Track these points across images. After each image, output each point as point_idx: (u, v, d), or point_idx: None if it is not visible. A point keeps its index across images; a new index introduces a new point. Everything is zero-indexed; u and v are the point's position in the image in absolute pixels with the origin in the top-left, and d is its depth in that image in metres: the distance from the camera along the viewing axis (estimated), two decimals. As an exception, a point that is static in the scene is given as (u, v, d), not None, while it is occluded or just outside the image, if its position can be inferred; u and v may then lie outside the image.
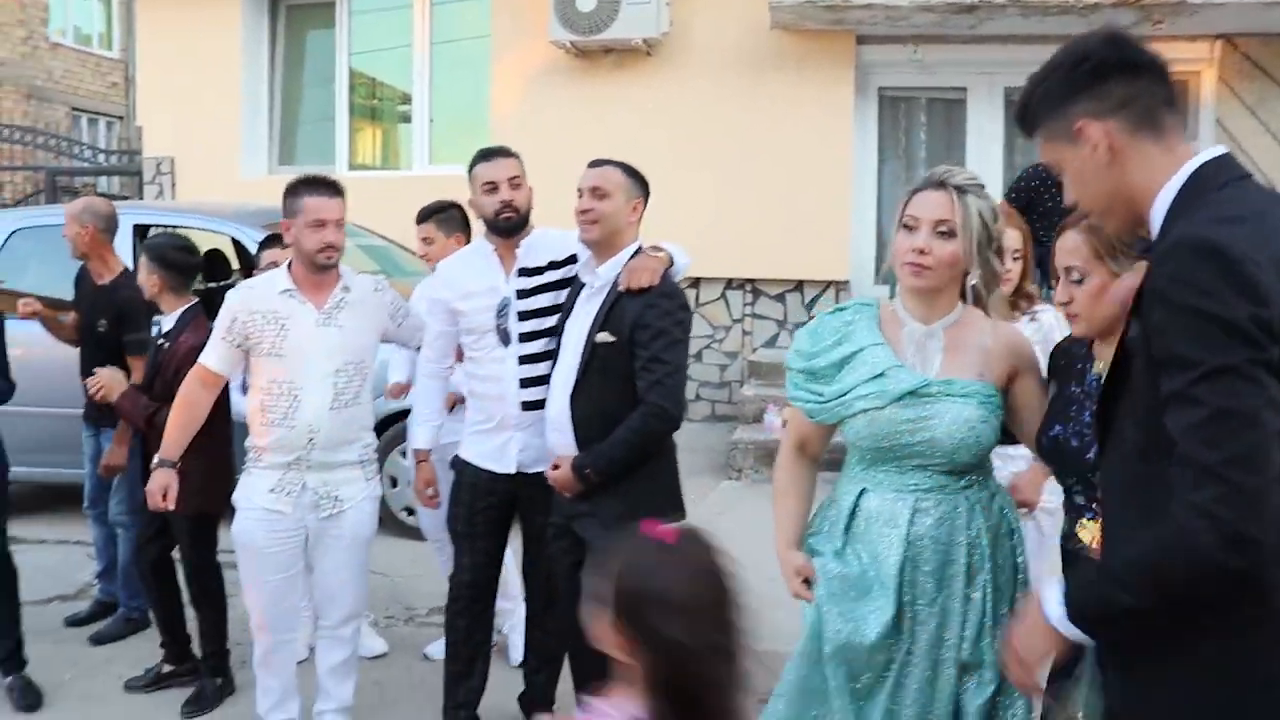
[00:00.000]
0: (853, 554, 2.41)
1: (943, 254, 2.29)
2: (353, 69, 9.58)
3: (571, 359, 3.19)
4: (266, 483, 3.47)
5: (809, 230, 7.91)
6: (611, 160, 3.27)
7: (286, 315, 3.43)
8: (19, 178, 13.51)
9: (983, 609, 2.35)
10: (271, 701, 3.64)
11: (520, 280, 3.49)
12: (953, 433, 2.29)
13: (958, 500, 2.35)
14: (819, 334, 2.45)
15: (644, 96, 8.28)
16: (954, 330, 2.37)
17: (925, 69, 8.19)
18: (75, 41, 19.00)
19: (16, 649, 4.12)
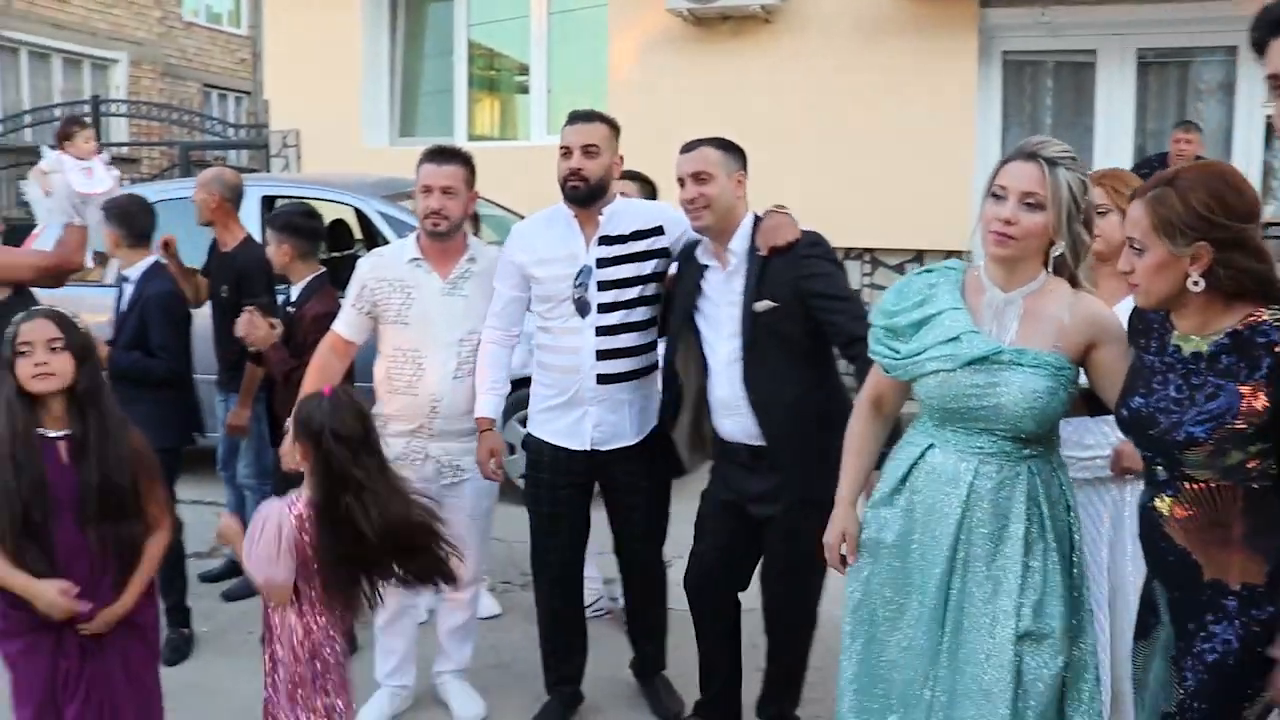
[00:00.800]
0: (905, 504, 2.47)
1: (1029, 225, 2.31)
2: (471, 40, 9.68)
3: (730, 342, 3.12)
4: (392, 451, 3.47)
5: (930, 199, 7.73)
6: (702, 140, 3.19)
7: (413, 284, 3.48)
8: (155, 153, 14.06)
9: (1043, 579, 2.36)
10: (391, 665, 3.73)
11: (601, 249, 3.37)
12: (1019, 401, 2.31)
13: (1020, 468, 2.37)
14: (904, 293, 2.49)
15: (761, 64, 8.19)
16: (1033, 299, 2.38)
17: (1053, 31, 7.91)
18: (207, 20, 19.61)
19: (179, 603, 4.33)
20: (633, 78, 8.59)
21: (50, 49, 15.81)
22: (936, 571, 2.40)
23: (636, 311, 3.39)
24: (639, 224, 3.41)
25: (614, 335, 3.37)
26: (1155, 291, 2.15)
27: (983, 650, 2.36)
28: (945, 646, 2.40)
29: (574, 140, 3.35)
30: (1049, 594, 2.36)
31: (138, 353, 4.20)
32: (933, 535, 2.41)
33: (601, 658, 3.89)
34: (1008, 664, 2.33)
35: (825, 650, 3.99)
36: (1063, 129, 8.23)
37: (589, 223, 3.39)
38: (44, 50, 15.74)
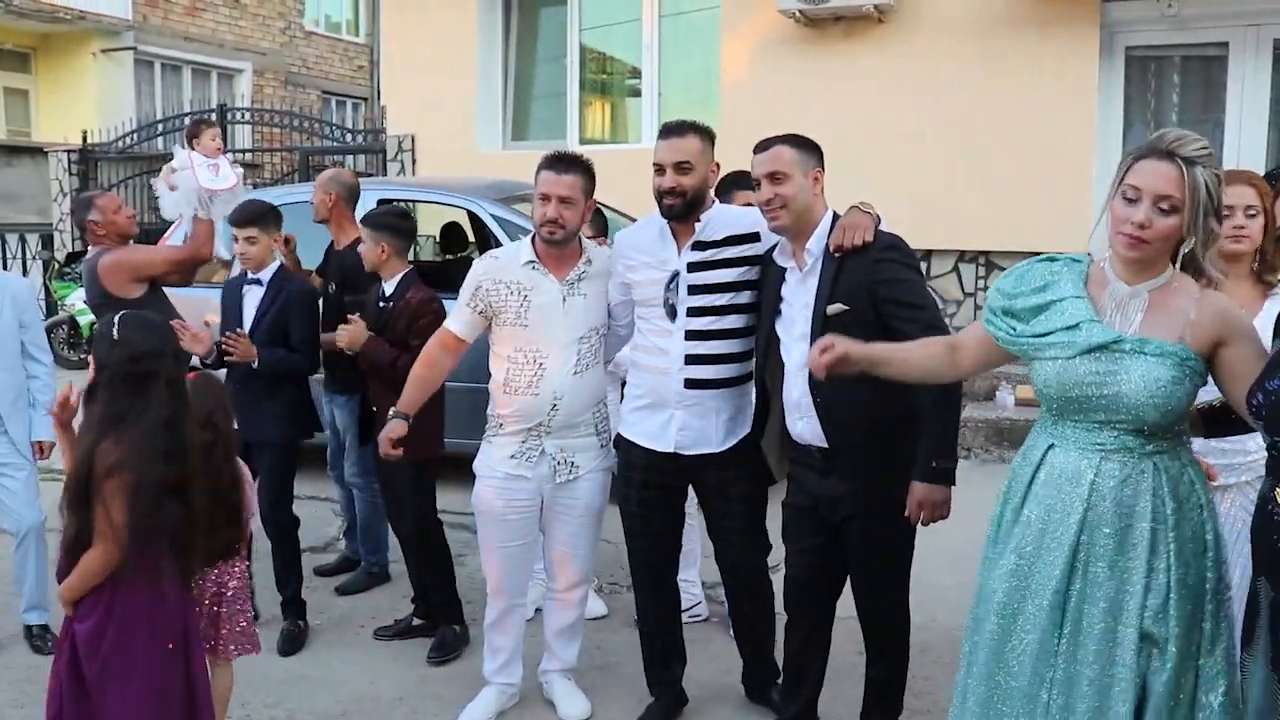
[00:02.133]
0: (1027, 514, 2.40)
1: (1162, 229, 2.24)
2: (583, 44, 9.75)
3: (803, 344, 3.07)
4: (508, 449, 3.57)
5: (1048, 200, 7.53)
6: (776, 138, 3.14)
7: (530, 286, 3.50)
8: (277, 158, 14.46)
9: (1167, 580, 2.28)
10: (499, 663, 3.76)
11: (693, 254, 3.36)
12: (1140, 390, 2.24)
13: (1144, 465, 2.30)
14: (1024, 277, 2.45)
15: (875, 64, 8.07)
16: (1159, 293, 2.32)
17: (1180, 24, 7.62)
18: (326, 29, 20.16)
19: (292, 598, 4.47)
20: (744, 80, 8.55)
21: (182, 61, 16.47)
22: (1056, 573, 2.33)
23: (728, 318, 3.36)
24: (734, 230, 3.39)
25: (703, 341, 3.36)
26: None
27: (1103, 652, 2.29)
28: (1063, 648, 2.34)
29: (666, 158, 3.33)
30: (1172, 597, 2.27)
31: (282, 349, 4.36)
32: (1054, 536, 2.35)
33: (703, 662, 3.87)
34: (1129, 667, 2.27)
35: (932, 661, 3.92)
36: (1190, 127, 7.86)
37: (684, 230, 3.39)
38: (176, 62, 16.39)
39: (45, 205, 12.78)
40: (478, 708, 3.73)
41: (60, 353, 10.48)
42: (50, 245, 12.34)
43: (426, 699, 3.86)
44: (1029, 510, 2.41)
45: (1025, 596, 2.39)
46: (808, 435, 3.14)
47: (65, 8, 14.71)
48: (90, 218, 4.75)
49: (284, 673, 4.13)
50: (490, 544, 3.66)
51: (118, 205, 4.84)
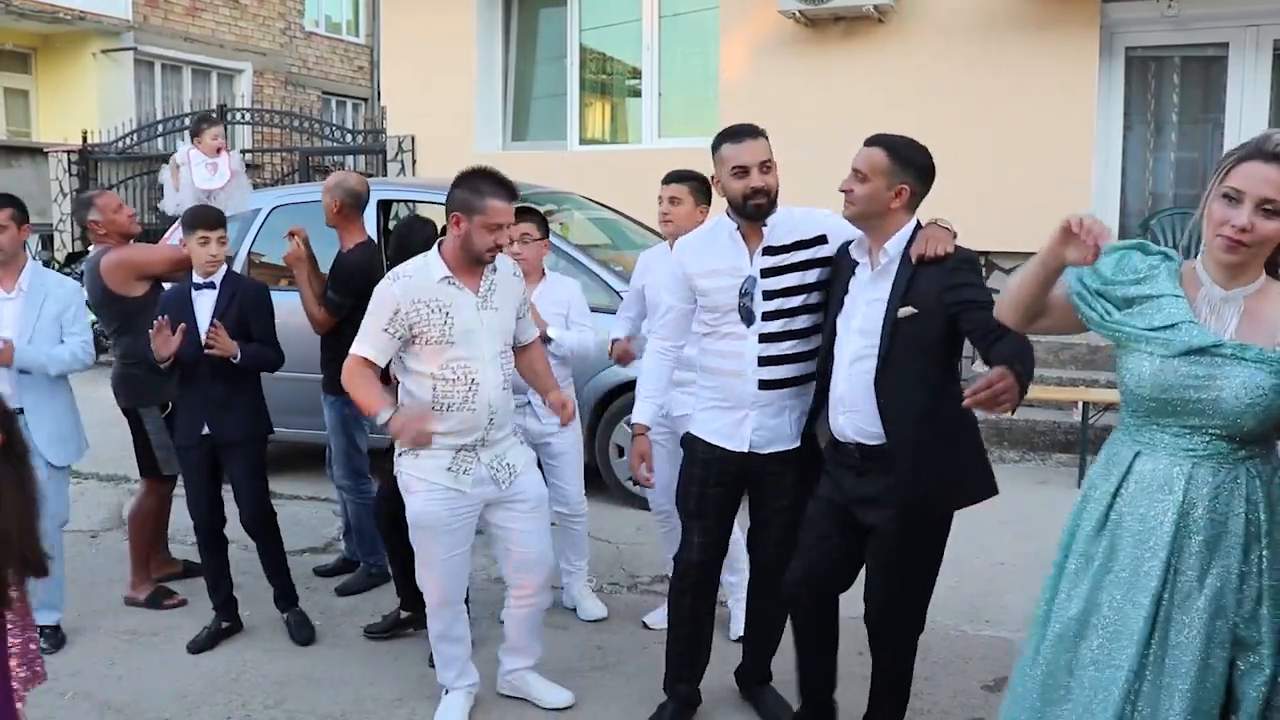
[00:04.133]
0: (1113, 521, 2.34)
1: (1265, 232, 2.19)
2: (583, 45, 9.76)
3: (860, 339, 3.10)
4: (441, 462, 3.53)
5: (1047, 201, 7.51)
6: (883, 140, 3.15)
7: (449, 302, 3.47)
8: (277, 159, 14.47)
9: (1259, 585, 2.24)
10: (457, 670, 3.78)
11: (765, 259, 3.38)
12: (1240, 396, 2.20)
13: (1237, 470, 2.26)
14: (1123, 266, 2.37)
15: (874, 65, 8.08)
16: (1253, 299, 2.28)
17: (1180, 25, 7.63)
18: (326, 30, 20.17)
19: (289, 587, 4.51)
20: (744, 80, 8.55)
21: (182, 61, 16.48)
22: (1153, 584, 2.27)
23: (799, 319, 3.38)
24: (801, 234, 3.40)
25: (776, 342, 3.38)
26: None
27: (1195, 665, 2.25)
28: (1152, 658, 2.29)
29: (750, 159, 3.33)
30: (1265, 603, 2.25)
31: (253, 344, 4.36)
32: (1146, 547, 2.30)
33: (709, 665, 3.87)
34: (1220, 676, 2.24)
35: (932, 662, 3.93)
36: (1189, 127, 7.94)
37: (753, 235, 3.40)
38: (176, 63, 16.39)
39: (45, 206, 12.79)
40: (453, 713, 3.74)
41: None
42: (50, 245, 12.35)
43: (426, 700, 3.86)
44: (1119, 520, 2.35)
45: (1115, 613, 2.33)
46: (849, 431, 3.14)
47: (65, 8, 14.72)
48: (91, 217, 4.76)
49: (284, 673, 4.13)
50: (432, 556, 3.62)
51: (118, 204, 4.85)
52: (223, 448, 4.34)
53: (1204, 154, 8.08)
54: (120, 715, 3.84)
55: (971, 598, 3.27)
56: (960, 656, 4.09)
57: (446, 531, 3.57)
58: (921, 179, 3.16)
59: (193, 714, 3.84)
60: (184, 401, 4.38)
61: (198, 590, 4.78)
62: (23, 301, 4.26)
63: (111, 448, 6.27)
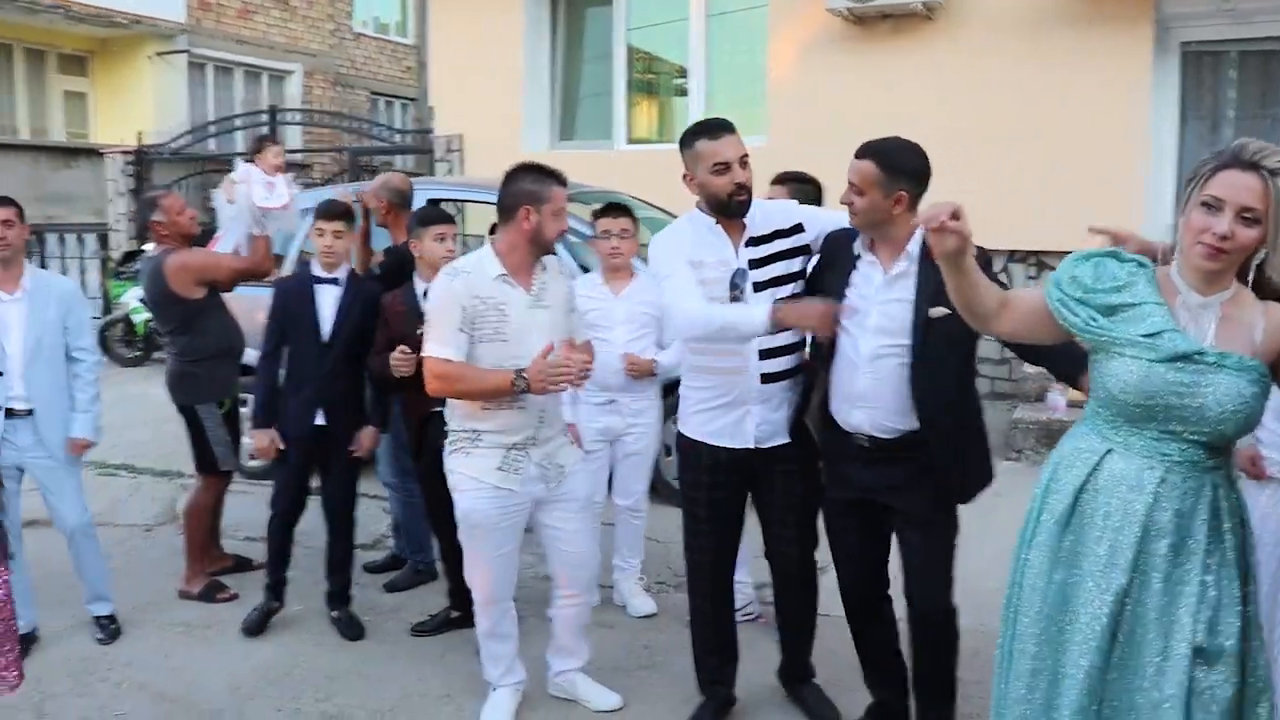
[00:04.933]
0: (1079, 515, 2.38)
1: (1244, 240, 2.23)
2: (630, 44, 9.76)
3: (880, 338, 3.12)
4: (492, 461, 3.53)
5: (1101, 199, 7.41)
6: (872, 149, 3.11)
7: (503, 300, 3.47)
8: (326, 158, 14.63)
9: (1218, 593, 2.29)
10: (504, 668, 3.79)
11: (751, 250, 3.38)
12: (1224, 403, 2.24)
13: (1204, 480, 2.31)
14: (1102, 273, 2.39)
15: (923, 62, 8.02)
16: (1228, 306, 2.33)
17: (1238, 18, 7.48)
18: (375, 31, 20.35)
19: (346, 586, 4.58)
20: (792, 79, 8.52)
21: (233, 63, 16.69)
22: (1120, 581, 2.31)
23: None
24: (778, 224, 3.43)
25: (775, 334, 3.36)
26: None
27: (1153, 664, 2.30)
28: (1116, 659, 2.34)
29: (731, 154, 3.32)
30: (1223, 610, 2.28)
31: None
32: (1114, 543, 2.34)
33: (753, 662, 3.86)
34: (1181, 678, 2.26)
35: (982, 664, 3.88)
36: (1247, 124, 7.78)
37: (733, 227, 3.40)
38: (228, 65, 16.61)
39: (101, 206, 13.00)
40: (498, 711, 3.76)
41: (115, 350, 10.66)
42: (106, 244, 12.56)
43: (473, 696, 3.89)
44: (1078, 516, 2.39)
45: (1069, 608, 2.39)
46: (866, 425, 3.16)
47: (121, 12, 14.96)
48: (154, 218, 4.84)
49: (333, 668, 4.18)
50: (482, 554, 3.63)
51: (181, 206, 4.93)
52: (331, 440, 4.44)
53: (1262, 151, 7.92)
54: (174, 706, 3.90)
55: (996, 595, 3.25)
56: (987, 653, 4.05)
57: (496, 530, 3.57)
58: (916, 181, 3.14)
59: (245, 706, 3.89)
60: (299, 394, 4.42)
61: (249, 584, 4.85)
62: (27, 304, 4.27)
63: (165, 443, 6.38)
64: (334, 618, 4.50)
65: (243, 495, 5.91)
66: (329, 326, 4.40)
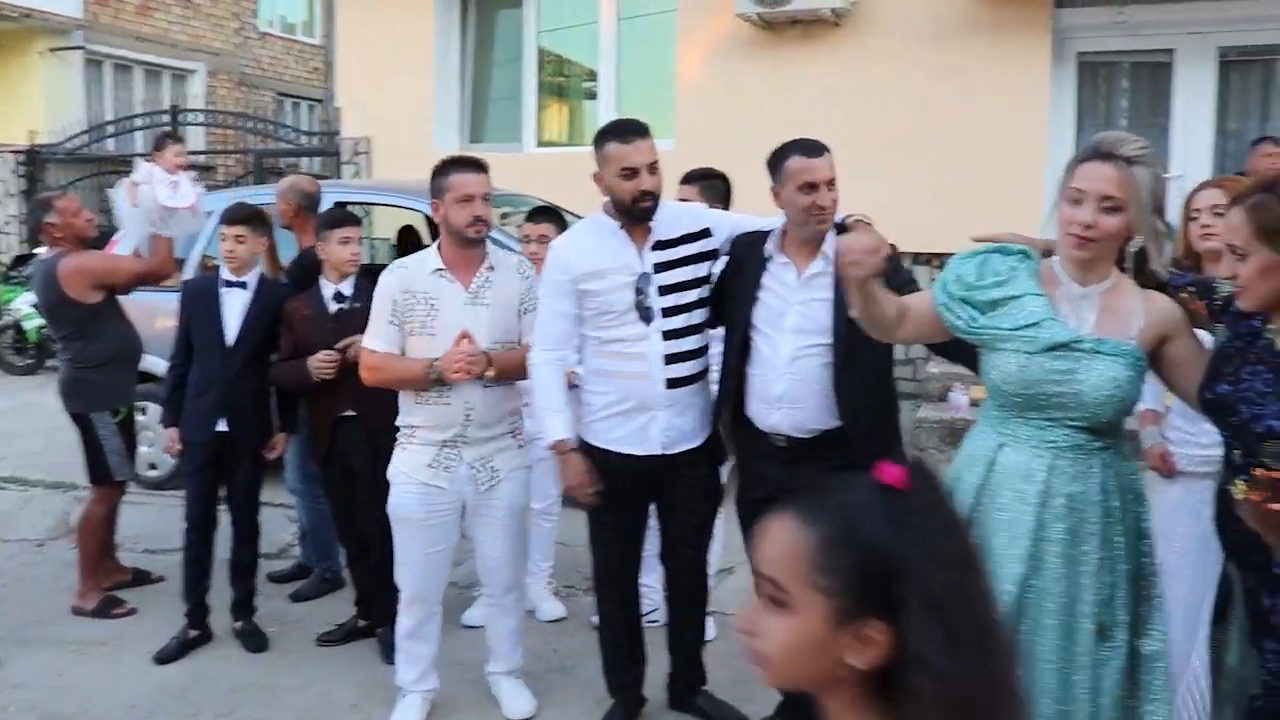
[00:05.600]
0: (980, 517, 2.45)
1: (1108, 228, 2.32)
2: (541, 47, 9.72)
3: (799, 339, 3.15)
4: (424, 458, 3.55)
5: (1002, 203, 7.57)
6: (823, 144, 3.23)
7: (437, 295, 3.49)
8: (230, 160, 14.30)
9: (1113, 570, 2.38)
10: (418, 672, 3.74)
11: (656, 254, 3.35)
12: (1100, 388, 2.32)
13: (1093, 461, 2.38)
14: (985, 270, 2.48)
15: (831, 68, 8.12)
16: (1108, 295, 2.41)
17: (1129, 30, 7.72)
18: (281, 30, 19.97)
19: (250, 595, 4.46)
20: (701, 82, 8.56)
21: (133, 61, 16.23)
22: (1018, 569, 2.38)
23: (696, 314, 3.40)
24: (687, 227, 3.41)
25: (680, 339, 3.37)
26: (1259, 295, 2.16)
27: (1059, 645, 2.37)
28: (1021, 641, 2.39)
29: (640, 160, 3.29)
30: (1119, 586, 2.38)
31: None
32: (1009, 535, 2.40)
33: (663, 665, 3.86)
34: (1086, 656, 2.36)
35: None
36: (1138, 130, 7.94)
37: (638, 231, 3.37)
38: (127, 63, 16.15)
39: (-9, 207, 12.57)
40: (407, 717, 3.71)
41: (6, 358, 10.29)
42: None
43: (382, 705, 3.83)
44: (986, 511, 2.45)
45: None
46: (785, 426, 3.19)
47: (11, 5, 14.45)
48: (48, 219, 4.67)
49: (236, 681, 4.08)
50: (409, 551, 3.62)
51: (78, 208, 4.77)
52: (233, 447, 4.32)
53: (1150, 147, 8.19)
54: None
55: None
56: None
57: (422, 526, 3.56)
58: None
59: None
60: (202, 399, 4.31)
61: (147, 598, 4.72)
62: None
63: (58, 454, 6.17)
64: (236, 629, 4.39)
65: (141, 506, 5.75)
66: (234, 331, 4.31)
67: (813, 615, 1.12)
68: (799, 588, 1.13)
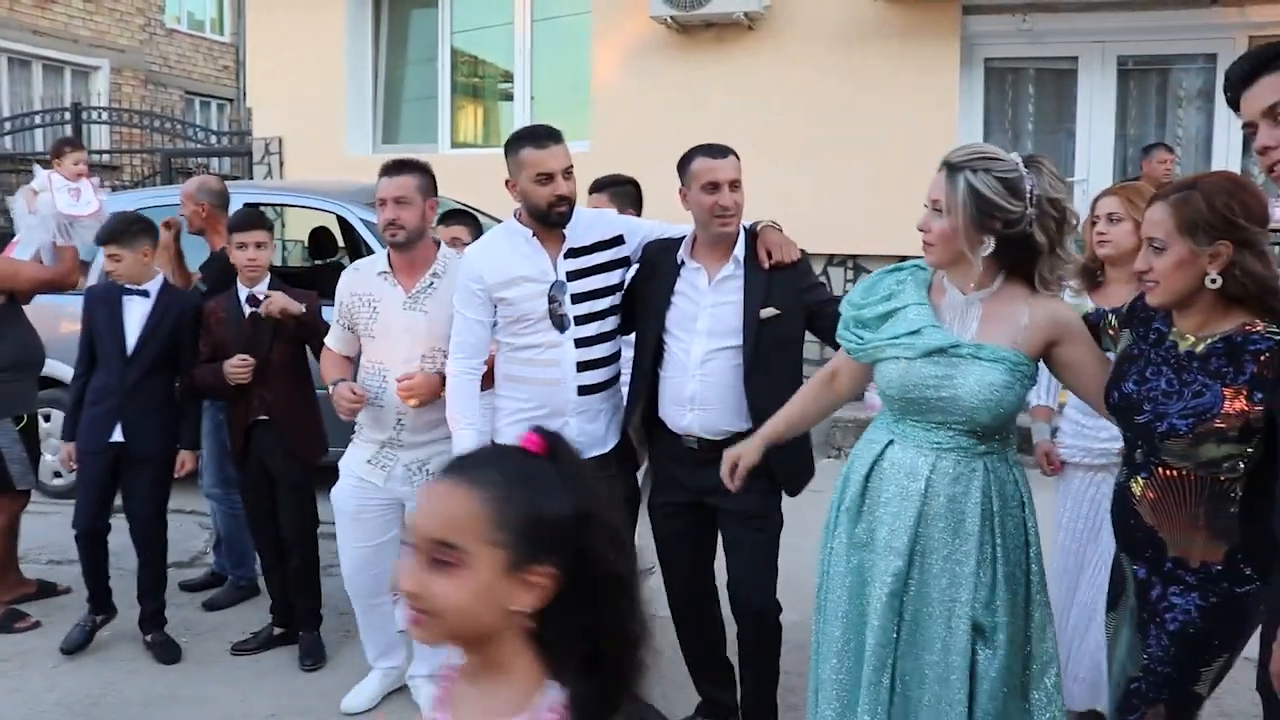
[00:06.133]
0: (869, 502, 2.56)
1: (937, 230, 2.44)
2: (455, 48, 9.66)
3: (710, 341, 3.17)
4: (365, 454, 3.66)
5: (912, 206, 7.66)
6: (728, 146, 3.25)
7: (379, 297, 3.55)
8: (137, 160, 13.93)
9: (994, 573, 2.45)
10: (375, 652, 3.86)
11: (569, 262, 3.34)
12: (976, 392, 2.39)
13: (976, 464, 2.46)
14: (872, 289, 2.61)
15: (744, 71, 8.20)
16: (994, 301, 2.47)
17: (1034, 38, 7.95)
18: (189, 27, 19.53)
19: (160, 609, 4.35)
20: (616, 84, 8.59)
21: (31, 56, 15.73)
22: (897, 563, 2.47)
23: (609, 321, 3.40)
24: (600, 234, 3.40)
25: (591, 346, 3.37)
26: (1172, 289, 2.23)
27: (939, 638, 2.46)
28: (904, 635, 2.50)
29: (555, 165, 3.27)
30: (1000, 589, 2.45)
31: None
32: (892, 529, 2.49)
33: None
34: (963, 652, 2.43)
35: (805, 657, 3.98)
36: (1044, 135, 8.26)
37: (550, 239, 3.35)
38: (25, 57, 15.65)
39: (-119, 208, 12.09)
40: (361, 692, 3.81)
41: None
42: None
43: (300, 714, 3.78)
44: (869, 502, 2.56)
45: (865, 588, 2.54)
46: (695, 428, 3.21)
47: (-98, -2, 13.95)
48: None
49: (147, 694, 3.99)
50: (344, 542, 3.72)
51: None
52: (131, 457, 4.20)
53: (1059, 162, 8.37)
54: (-31, 745, 3.66)
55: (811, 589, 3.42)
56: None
57: (355, 520, 3.65)
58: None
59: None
60: (98, 406, 4.20)
61: (52, 611, 4.59)
62: None
63: (-42, 463, 5.95)
64: (148, 642, 4.29)
65: (45, 516, 5.59)
66: (134, 339, 4.20)
67: (486, 568, 1.25)
68: (474, 545, 1.25)
